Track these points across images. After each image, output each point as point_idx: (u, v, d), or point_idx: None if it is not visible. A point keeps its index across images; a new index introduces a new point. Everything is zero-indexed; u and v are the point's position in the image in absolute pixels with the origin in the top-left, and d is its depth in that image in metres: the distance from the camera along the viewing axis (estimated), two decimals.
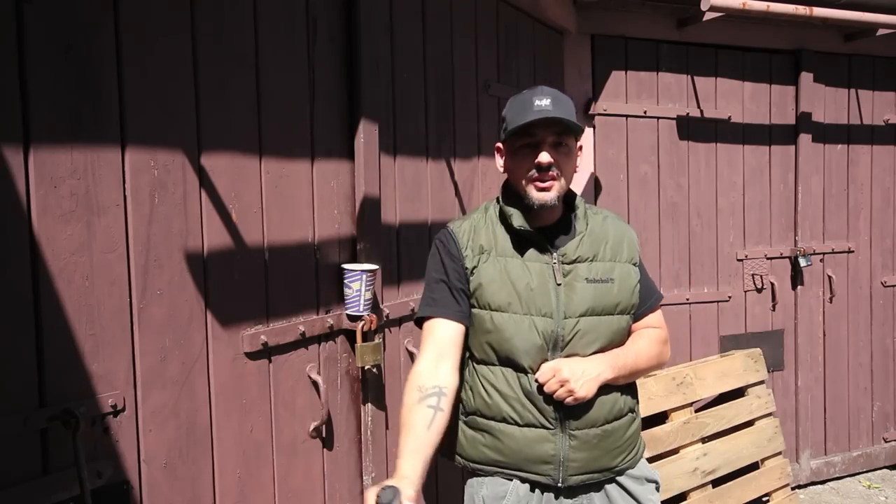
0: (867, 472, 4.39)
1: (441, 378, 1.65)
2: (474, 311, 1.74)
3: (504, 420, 1.72)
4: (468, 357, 1.80)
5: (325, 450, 2.13)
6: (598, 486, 1.77)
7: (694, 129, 3.94)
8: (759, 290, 4.09)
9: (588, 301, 1.71)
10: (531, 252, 1.73)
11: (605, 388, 1.71)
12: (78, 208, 1.46)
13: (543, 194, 1.69)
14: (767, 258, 4.10)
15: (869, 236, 4.36)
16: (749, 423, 3.70)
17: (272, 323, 1.93)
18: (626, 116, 3.78)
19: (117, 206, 1.54)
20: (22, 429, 1.36)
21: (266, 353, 1.92)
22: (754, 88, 4.07)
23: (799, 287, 4.15)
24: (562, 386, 1.64)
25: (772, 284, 4.10)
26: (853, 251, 4.30)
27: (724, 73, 4.00)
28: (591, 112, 3.71)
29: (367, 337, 2.17)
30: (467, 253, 1.75)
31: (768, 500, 3.77)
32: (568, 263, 1.73)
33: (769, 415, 3.78)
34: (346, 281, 2.13)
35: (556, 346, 1.69)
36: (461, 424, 1.82)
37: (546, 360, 1.70)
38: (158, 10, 1.62)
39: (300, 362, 2.04)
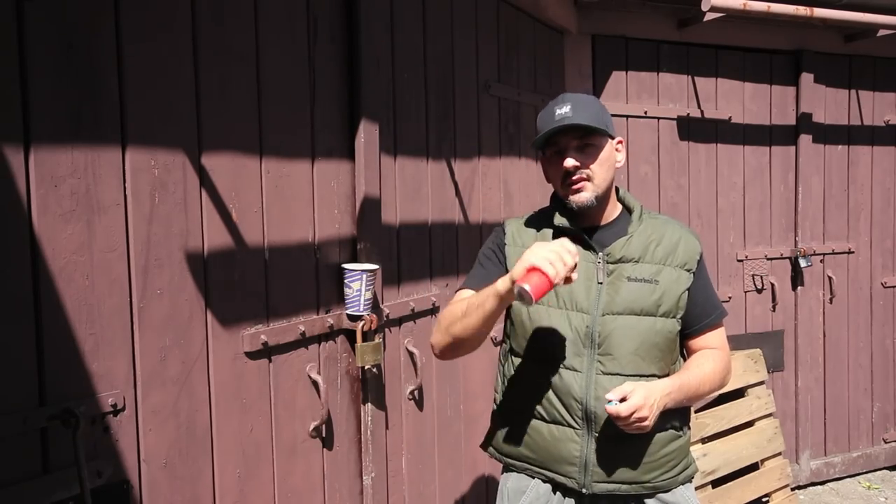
0: (867, 472, 4.39)
1: None
2: (514, 303, 1.76)
3: (533, 415, 1.74)
4: (507, 350, 1.84)
5: (324, 449, 2.13)
6: (623, 501, 1.73)
7: (694, 129, 3.94)
8: (759, 291, 4.10)
9: (628, 300, 1.69)
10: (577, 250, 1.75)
11: None
12: (78, 207, 1.46)
13: (577, 196, 1.71)
14: (768, 259, 4.10)
15: (869, 237, 4.36)
16: (749, 424, 3.70)
17: (272, 322, 1.93)
18: (627, 117, 3.78)
19: (118, 205, 1.54)
20: (22, 428, 1.36)
21: (266, 352, 1.92)
22: (755, 89, 4.07)
23: (799, 288, 4.15)
24: (634, 415, 1.54)
25: (772, 285, 4.10)
26: (853, 252, 4.30)
27: (725, 73, 4.00)
28: None
29: (367, 337, 2.17)
30: (510, 245, 1.82)
31: (768, 501, 3.77)
32: (612, 263, 1.72)
33: (769, 415, 3.79)
34: (346, 281, 2.13)
35: (592, 342, 1.69)
36: (497, 417, 1.86)
37: (580, 355, 1.68)
38: (159, 9, 1.62)
39: (300, 362, 2.04)
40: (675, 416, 1.74)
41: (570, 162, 1.69)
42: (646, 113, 3.81)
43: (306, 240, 2.05)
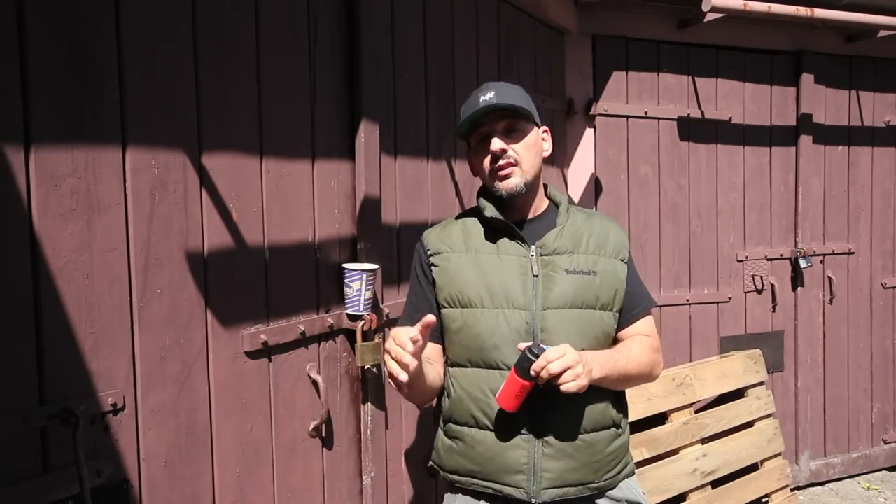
0: (866, 473, 4.39)
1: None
2: (444, 311, 1.72)
3: (476, 425, 1.65)
4: (445, 362, 1.77)
5: (324, 449, 2.13)
6: None
7: (695, 129, 3.94)
8: (759, 292, 4.10)
9: (569, 293, 1.65)
10: (507, 245, 1.70)
11: (590, 395, 1.60)
12: (78, 207, 1.46)
13: (506, 182, 1.68)
14: (768, 259, 4.10)
15: (869, 238, 4.36)
16: (749, 425, 3.70)
17: (272, 322, 1.93)
18: (627, 117, 3.78)
19: (118, 204, 1.54)
20: (22, 427, 1.36)
21: (266, 352, 1.92)
22: (755, 89, 4.07)
23: (799, 288, 4.15)
24: (568, 369, 1.48)
25: (772, 285, 4.10)
26: (853, 253, 4.30)
27: (725, 73, 4.00)
28: (591, 112, 3.71)
29: (367, 336, 2.17)
30: (434, 254, 1.76)
31: (768, 502, 3.77)
32: (546, 255, 1.68)
33: (769, 416, 3.79)
34: (346, 280, 2.13)
35: (534, 339, 1.61)
36: (439, 433, 1.79)
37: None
38: (160, 9, 1.62)
39: (300, 362, 2.04)
40: (615, 411, 1.72)
41: (496, 143, 1.66)
42: (646, 113, 3.81)
43: (306, 239, 2.05)
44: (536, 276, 1.66)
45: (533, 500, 1.64)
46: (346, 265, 2.14)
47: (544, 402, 1.60)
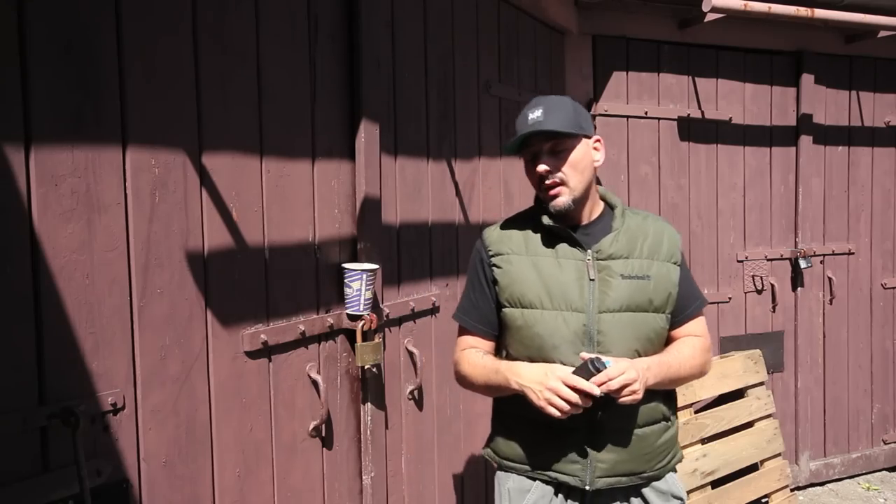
0: (866, 473, 4.39)
1: None
2: (505, 310, 1.81)
3: (535, 418, 1.71)
4: (504, 355, 1.86)
5: (324, 449, 2.13)
6: (623, 495, 1.77)
7: (695, 130, 3.94)
8: (759, 292, 4.10)
9: (624, 297, 1.72)
10: (565, 249, 1.77)
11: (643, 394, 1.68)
12: (79, 206, 1.46)
13: (555, 201, 1.75)
14: (768, 259, 4.10)
15: (869, 238, 4.36)
16: (749, 425, 3.70)
17: (272, 322, 1.93)
18: (627, 117, 3.78)
19: (118, 204, 1.54)
20: (22, 427, 1.36)
21: (266, 352, 1.92)
22: (755, 90, 4.07)
23: (799, 288, 4.15)
24: (626, 386, 1.59)
25: (772, 286, 4.10)
26: (853, 253, 4.30)
27: (726, 74, 4.00)
28: (591, 112, 3.71)
29: (366, 336, 2.17)
30: (495, 255, 1.83)
31: (767, 502, 3.77)
32: (602, 260, 1.74)
33: (769, 416, 3.79)
34: (346, 280, 2.13)
35: (591, 340, 1.70)
36: (498, 422, 1.89)
37: (579, 354, 1.68)
38: (160, 9, 1.62)
39: (300, 361, 2.04)
40: (665, 406, 1.80)
41: (541, 167, 1.74)
42: (646, 113, 3.81)
43: (306, 239, 2.05)
44: (593, 279, 1.73)
45: (587, 487, 1.73)
46: (346, 265, 2.14)
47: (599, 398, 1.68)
